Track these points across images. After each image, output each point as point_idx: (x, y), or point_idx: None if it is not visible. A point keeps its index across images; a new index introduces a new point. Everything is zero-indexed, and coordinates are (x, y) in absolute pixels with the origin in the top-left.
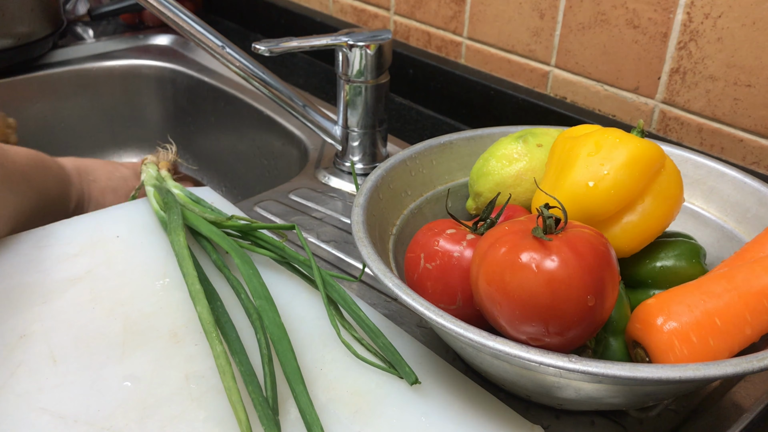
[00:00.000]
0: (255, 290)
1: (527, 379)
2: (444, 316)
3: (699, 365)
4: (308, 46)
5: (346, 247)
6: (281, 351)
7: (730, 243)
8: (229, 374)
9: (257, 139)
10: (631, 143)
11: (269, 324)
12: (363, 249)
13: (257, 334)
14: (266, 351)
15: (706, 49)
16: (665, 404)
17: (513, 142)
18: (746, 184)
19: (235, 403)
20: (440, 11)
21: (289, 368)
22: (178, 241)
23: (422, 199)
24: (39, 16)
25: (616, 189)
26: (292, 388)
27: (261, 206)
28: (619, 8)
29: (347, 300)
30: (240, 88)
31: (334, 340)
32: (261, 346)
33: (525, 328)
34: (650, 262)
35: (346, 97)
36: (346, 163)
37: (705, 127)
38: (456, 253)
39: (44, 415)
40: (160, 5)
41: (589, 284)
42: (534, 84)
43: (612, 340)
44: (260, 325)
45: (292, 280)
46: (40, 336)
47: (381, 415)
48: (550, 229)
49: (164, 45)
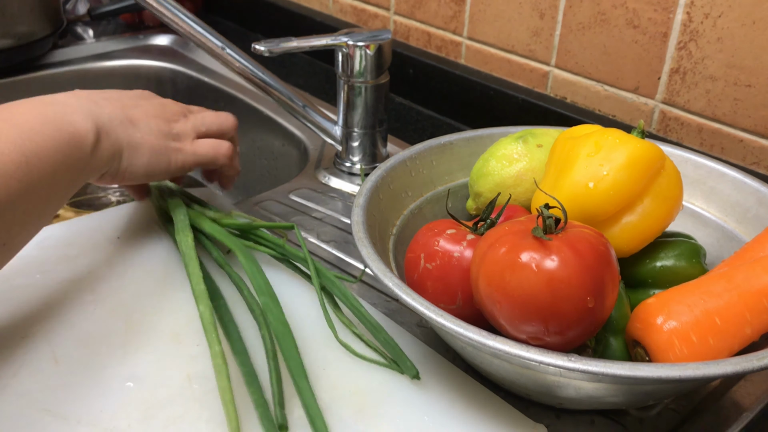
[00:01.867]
0: (259, 287)
1: (527, 378)
2: (444, 315)
3: (699, 364)
4: (308, 46)
5: (346, 247)
6: (285, 347)
7: (730, 243)
8: (224, 374)
9: (257, 139)
10: (630, 144)
11: (273, 320)
12: (363, 249)
13: (261, 330)
14: (271, 346)
15: (706, 49)
16: (665, 403)
17: (513, 142)
18: (746, 184)
19: (227, 402)
20: (440, 11)
21: (292, 363)
22: (186, 242)
23: (422, 200)
24: (39, 16)
25: (615, 190)
26: (296, 383)
27: (261, 206)
28: (619, 8)
29: (347, 296)
30: (240, 88)
31: (336, 340)
32: (265, 342)
33: (525, 327)
34: (650, 262)
35: (346, 97)
36: (346, 163)
37: (705, 127)
38: (456, 253)
39: (46, 415)
40: (160, 5)
41: (588, 284)
42: (534, 84)
43: (612, 339)
44: (264, 321)
45: (294, 279)
46: (42, 337)
47: (384, 415)
48: (550, 229)
49: (164, 45)
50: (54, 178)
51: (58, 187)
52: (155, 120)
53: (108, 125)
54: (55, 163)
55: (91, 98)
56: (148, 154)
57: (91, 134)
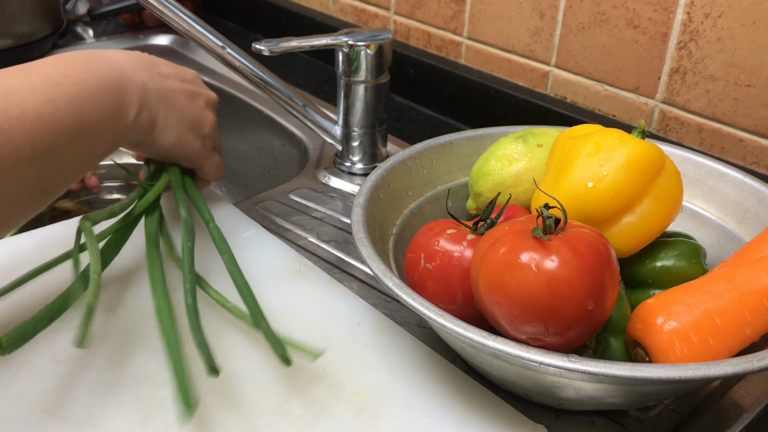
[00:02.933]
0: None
1: (527, 378)
2: (444, 316)
3: (699, 365)
4: (308, 46)
5: (346, 247)
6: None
7: (730, 243)
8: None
9: (257, 139)
10: (630, 144)
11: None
12: (363, 249)
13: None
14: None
15: (706, 49)
16: (665, 404)
17: (513, 142)
18: (746, 184)
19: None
20: (440, 11)
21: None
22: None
23: (422, 199)
24: (39, 16)
25: (615, 190)
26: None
27: (261, 206)
28: (619, 8)
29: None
30: (240, 88)
31: (336, 340)
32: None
33: (525, 327)
34: (650, 262)
35: (345, 97)
36: (346, 163)
37: (705, 127)
38: (456, 253)
39: (47, 416)
40: (160, 5)
41: (588, 284)
42: (534, 84)
43: (612, 339)
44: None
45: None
46: (42, 337)
47: (384, 416)
48: (550, 229)
49: (164, 45)
50: (97, 139)
51: (99, 147)
52: (192, 112)
53: (153, 102)
54: (102, 127)
55: (147, 69)
56: (174, 139)
57: (136, 108)
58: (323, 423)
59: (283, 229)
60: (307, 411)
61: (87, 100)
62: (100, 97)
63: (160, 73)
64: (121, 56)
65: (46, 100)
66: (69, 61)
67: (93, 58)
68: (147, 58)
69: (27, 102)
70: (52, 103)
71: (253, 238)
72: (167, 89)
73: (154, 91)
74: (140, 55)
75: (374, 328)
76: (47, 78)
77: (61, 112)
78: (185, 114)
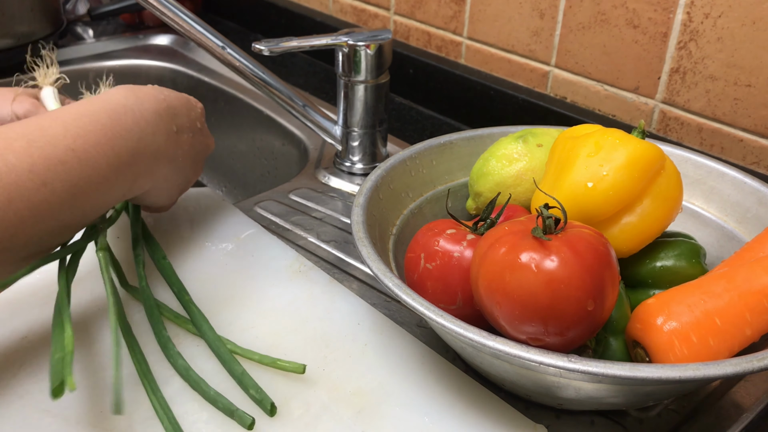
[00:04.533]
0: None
1: (527, 378)
2: (444, 316)
3: (699, 365)
4: (308, 46)
5: (346, 247)
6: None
7: (730, 243)
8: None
9: (257, 139)
10: (630, 144)
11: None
12: (363, 249)
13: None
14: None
15: (706, 49)
16: (665, 404)
17: (513, 142)
18: (746, 184)
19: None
20: (440, 11)
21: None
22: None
23: (422, 199)
24: (39, 16)
25: (614, 190)
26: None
27: (261, 206)
28: (619, 8)
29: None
30: (240, 88)
31: (337, 340)
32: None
33: (525, 328)
34: (650, 262)
35: (345, 97)
36: (346, 163)
37: (705, 127)
38: (456, 253)
39: (47, 416)
40: (160, 5)
41: (588, 284)
42: (534, 84)
43: (612, 339)
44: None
45: (291, 283)
46: (43, 337)
47: (384, 416)
48: (550, 230)
49: (164, 45)
50: (88, 209)
51: (86, 215)
52: (192, 172)
53: (160, 170)
54: (98, 200)
55: (167, 127)
56: (164, 201)
57: (141, 178)
58: (323, 423)
59: (282, 229)
60: (307, 411)
61: (90, 179)
62: (105, 175)
63: (177, 129)
64: (148, 115)
65: (41, 184)
66: (83, 125)
67: (111, 123)
68: (169, 109)
69: (18, 189)
70: (47, 188)
71: (253, 238)
72: (180, 152)
73: (165, 157)
74: (167, 107)
75: (374, 328)
76: (50, 154)
77: (55, 197)
78: (186, 175)
